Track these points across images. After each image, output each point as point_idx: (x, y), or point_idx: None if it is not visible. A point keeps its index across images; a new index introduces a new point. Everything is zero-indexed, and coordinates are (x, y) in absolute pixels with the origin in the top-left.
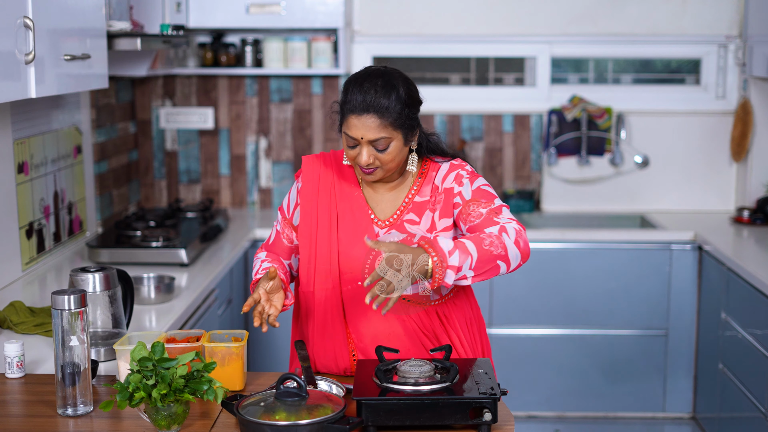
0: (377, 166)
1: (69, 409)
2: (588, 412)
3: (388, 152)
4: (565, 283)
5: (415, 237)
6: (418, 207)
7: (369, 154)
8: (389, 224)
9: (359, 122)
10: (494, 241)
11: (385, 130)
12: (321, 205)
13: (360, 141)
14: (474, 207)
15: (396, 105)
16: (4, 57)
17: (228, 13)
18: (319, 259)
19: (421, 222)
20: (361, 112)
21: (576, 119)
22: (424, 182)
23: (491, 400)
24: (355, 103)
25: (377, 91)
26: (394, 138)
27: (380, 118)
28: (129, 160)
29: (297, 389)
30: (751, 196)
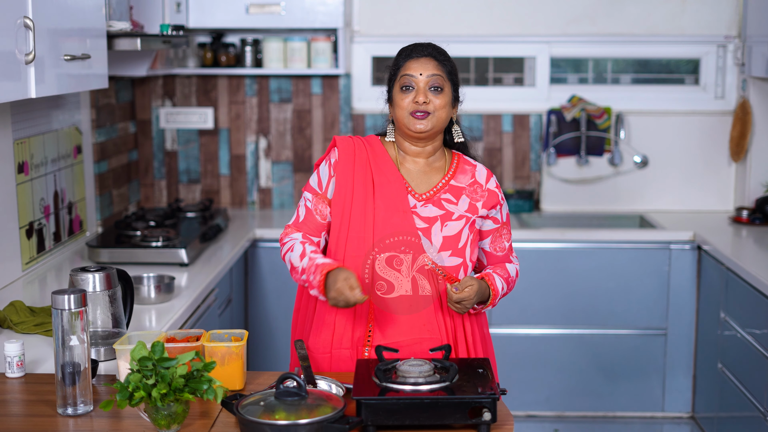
0: (430, 110)
1: (69, 409)
2: (587, 411)
3: (441, 96)
4: (564, 283)
5: (453, 215)
6: (455, 190)
7: (425, 93)
8: (426, 198)
9: (418, 63)
10: (512, 282)
11: (440, 71)
12: (357, 176)
13: (418, 80)
14: (504, 235)
15: (449, 62)
16: (4, 57)
17: (228, 13)
18: (352, 226)
19: (458, 203)
20: (420, 55)
21: (575, 119)
22: (458, 171)
23: (490, 400)
24: (415, 51)
25: (433, 47)
26: (446, 86)
27: (437, 61)
28: (129, 160)
29: (297, 389)
30: (750, 196)
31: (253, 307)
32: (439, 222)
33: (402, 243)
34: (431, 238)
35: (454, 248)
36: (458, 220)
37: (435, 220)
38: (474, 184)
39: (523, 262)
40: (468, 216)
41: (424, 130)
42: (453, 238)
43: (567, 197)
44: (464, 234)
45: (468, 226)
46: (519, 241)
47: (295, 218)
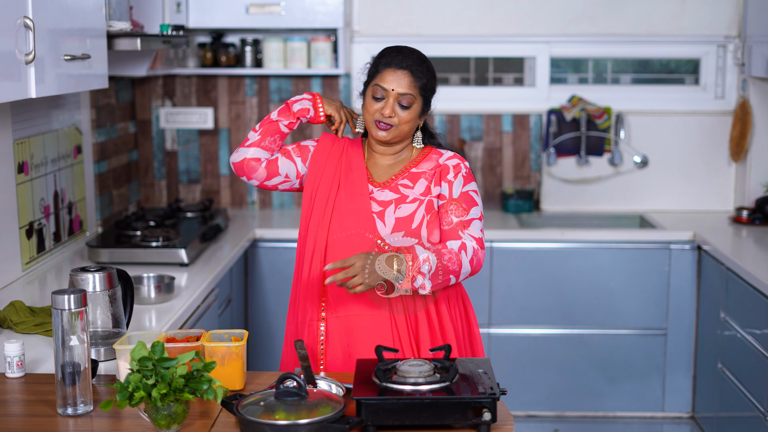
0: (394, 123)
1: (69, 409)
2: (587, 411)
3: (408, 112)
4: (564, 283)
5: (408, 198)
6: (414, 176)
7: (392, 107)
8: (383, 184)
9: (394, 76)
10: (452, 258)
11: (413, 89)
12: (327, 167)
13: (389, 93)
14: (452, 210)
15: (426, 74)
16: (4, 57)
17: (228, 13)
18: (315, 208)
19: (414, 187)
20: (398, 67)
21: (575, 119)
22: (422, 160)
23: (490, 400)
24: (395, 61)
25: (413, 58)
26: (416, 102)
27: (413, 77)
28: (129, 160)
29: (297, 389)
30: (750, 196)
31: (253, 307)
32: (393, 205)
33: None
34: (384, 219)
35: (407, 229)
36: (412, 202)
37: (389, 203)
38: (436, 167)
39: (523, 262)
40: (422, 199)
41: (384, 139)
42: (405, 220)
43: (567, 197)
44: (418, 215)
45: (423, 207)
46: (519, 241)
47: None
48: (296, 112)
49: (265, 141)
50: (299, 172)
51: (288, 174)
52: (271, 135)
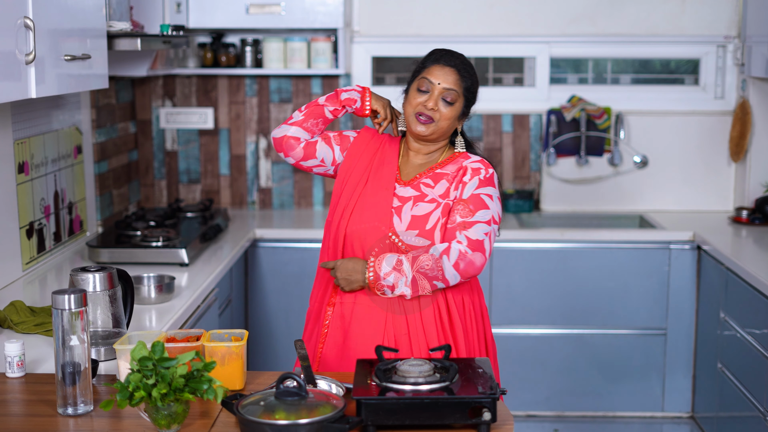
0: (435, 118)
1: (69, 409)
2: (587, 411)
3: (450, 108)
4: (564, 283)
5: (426, 197)
6: (437, 176)
7: (437, 101)
8: (406, 182)
9: (441, 72)
10: (432, 265)
11: (458, 86)
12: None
13: (434, 87)
14: (458, 209)
15: (471, 78)
16: (4, 57)
17: (228, 13)
18: (342, 198)
19: (435, 187)
20: (446, 64)
21: (575, 119)
22: (449, 162)
23: (490, 400)
24: (443, 58)
25: (461, 60)
26: (459, 100)
27: (459, 75)
28: (129, 160)
29: (297, 388)
30: (750, 196)
31: (253, 307)
32: (411, 202)
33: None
34: (401, 216)
35: (421, 229)
36: (430, 202)
37: (408, 200)
38: (459, 170)
39: (523, 262)
40: (440, 201)
41: (423, 133)
42: (420, 219)
43: (567, 197)
44: (433, 216)
45: (440, 209)
46: (519, 241)
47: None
48: (343, 100)
49: (308, 122)
50: (335, 160)
51: (324, 159)
52: (314, 118)
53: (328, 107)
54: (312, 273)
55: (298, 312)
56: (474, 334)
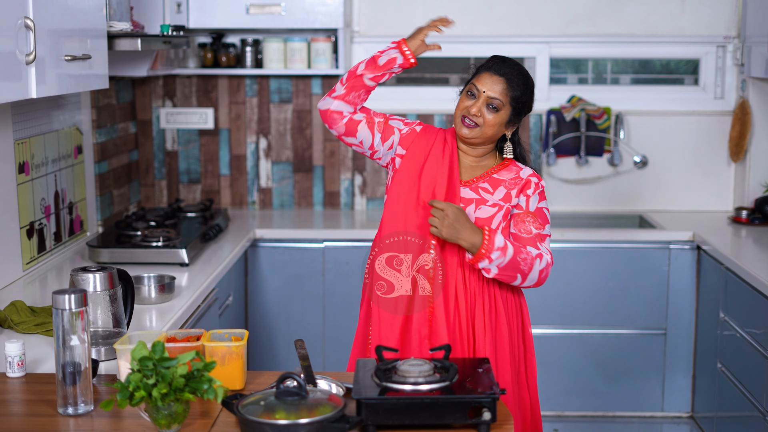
0: (479, 123)
1: (70, 409)
2: (587, 411)
3: (495, 116)
4: (564, 283)
5: (488, 202)
6: (494, 182)
7: (480, 107)
8: (465, 183)
9: (490, 80)
10: (527, 259)
11: (504, 96)
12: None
13: (480, 94)
14: (529, 221)
15: (521, 87)
16: (4, 57)
17: (228, 13)
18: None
19: (494, 193)
20: (495, 73)
21: (575, 119)
22: (503, 169)
23: (490, 400)
24: (495, 66)
25: (514, 69)
26: (504, 109)
27: (507, 85)
28: (129, 160)
29: (297, 388)
30: (750, 196)
31: (253, 307)
32: (473, 204)
33: (403, 243)
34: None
35: None
36: (492, 206)
37: (471, 201)
38: (515, 179)
39: None
40: (501, 204)
41: (467, 136)
42: (485, 221)
43: (567, 197)
44: (496, 220)
45: (502, 214)
46: None
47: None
48: (383, 65)
49: (350, 96)
50: (374, 146)
51: (363, 142)
52: (356, 90)
53: (367, 75)
54: (312, 273)
55: (298, 312)
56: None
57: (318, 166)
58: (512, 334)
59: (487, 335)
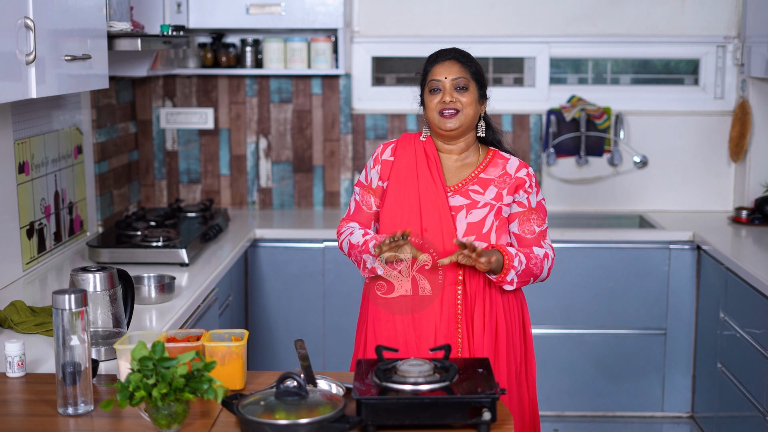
0: (458, 108)
1: (70, 409)
2: (587, 411)
3: (467, 94)
4: (564, 283)
5: (479, 204)
6: (483, 182)
7: (451, 93)
8: (454, 189)
9: (443, 67)
10: (538, 264)
11: (464, 73)
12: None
13: (443, 82)
14: (533, 219)
15: (472, 62)
16: (4, 57)
17: (228, 13)
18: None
19: (485, 193)
20: (444, 59)
21: (575, 119)
22: (489, 165)
23: (490, 400)
24: (440, 55)
25: (457, 50)
26: (471, 86)
27: (460, 64)
28: (129, 160)
29: (297, 388)
30: (750, 196)
31: (253, 307)
32: (464, 210)
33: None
34: (456, 224)
35: (478, 233)
36: (483, 207)
37: (461, 208)
38: (504, 176)
39: None
40: (492, 203)
41: (453, 127)
42: (477, 224)
43: (567, 197)
44: (488, 220)
45: (493, 213)
46: None
47: (347, 212)
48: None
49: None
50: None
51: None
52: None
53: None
54: (312, 273)
55: (298, 312)
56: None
57: (318, 166)
58: (512, 333)
59: (486, 335)
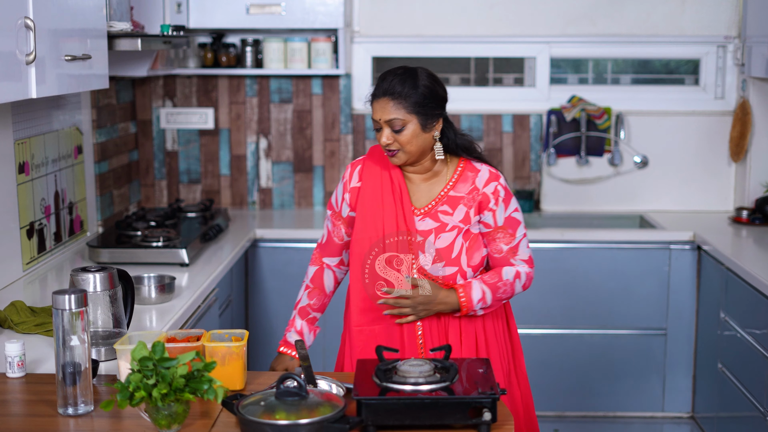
0: (397, 148)
1: (70, 409)
2: (587, 411)
3: (404, 134)
4: (564, 283)
5: (447, 226)
6: (453, 200)
7: (387, 135)
8: (424, 212)
9: (378, 105)
10: (507, 289)
11: (398, 112)
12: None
13: (380, 123)
14: (500, 238)
15: (410, 92)
16: (4, 57)
17: (228, 13)
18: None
19: (454, 213)
20: (379, 96)
21: (575, 119)
22: (459, 180)
23: (491, 400)
24: (376, 90)
25: (394, 80)
26: (409, 122)
27: (394, 100)
28: (129, 160)
29: (297, 388)
30: (750, 196)
31: (254, 307)
32: (432, 235)
33: (402, 243)
34: (425, 251)
35: (448, 259)
36: (451, 230)
37: (430, 233)
38: (472, 191)
39: None
40: (460, 226)
41: (398, 164)
42: (446, 250)
43: (567, 197)
44: (457, 244)
45: (461, 236)
46: None
47: (321, 238)
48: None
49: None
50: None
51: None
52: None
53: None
54: None
55: None
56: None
57: (318, 166)
58: (497, 333)
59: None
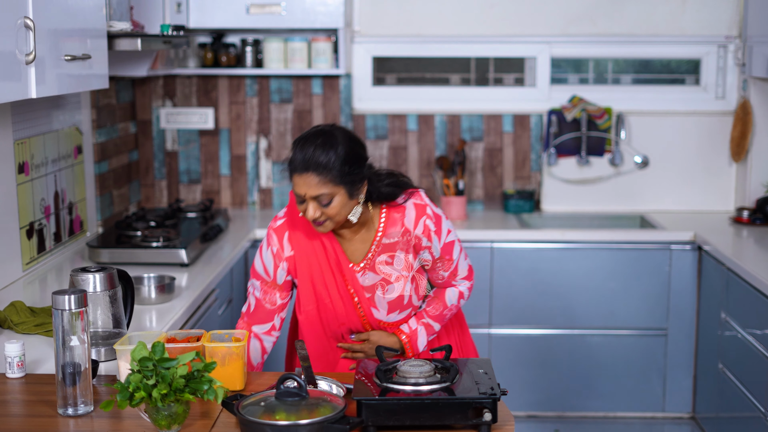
0: (325, 219)
1: (69, 409)
2: (587, 411)
3: (332, 206)
4: (564, 283)
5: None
6: (388, 247)
7: (314, 209)
8: (363, 267)
9: (301, 180)
10: (452, 312)
11: (325, 186)
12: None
13: (306, 198)
14: (439, 266)
15: (335, 162)
16: (4, 57)
17: (228, 13)
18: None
19: (394, 263)
20: (302, 170)
21: (576, 119)
22: (388, 224)
23: (491, 400)
24: (297, 162)
25: (315, 150)
26: (337, 193)
27: (319, 175)
28: (129, 161)
29: (297, 389)
30: (751, 196)
31: None
32: (380, 289)
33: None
34: (377, 305)
35: (401, 307)
36: (397, 280)
37: (376, 287)
38: (405, 233)
39: (523, 262)
40: (405, 275)
41: (325, 232)
42: (397, 300)
43: (567, 197)
44: (407, 291)
45: (409, 281)
46: (519, 241)
47: (246, 307)
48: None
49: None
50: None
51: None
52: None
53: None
54: None
55: None
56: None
57: None
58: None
59: None
